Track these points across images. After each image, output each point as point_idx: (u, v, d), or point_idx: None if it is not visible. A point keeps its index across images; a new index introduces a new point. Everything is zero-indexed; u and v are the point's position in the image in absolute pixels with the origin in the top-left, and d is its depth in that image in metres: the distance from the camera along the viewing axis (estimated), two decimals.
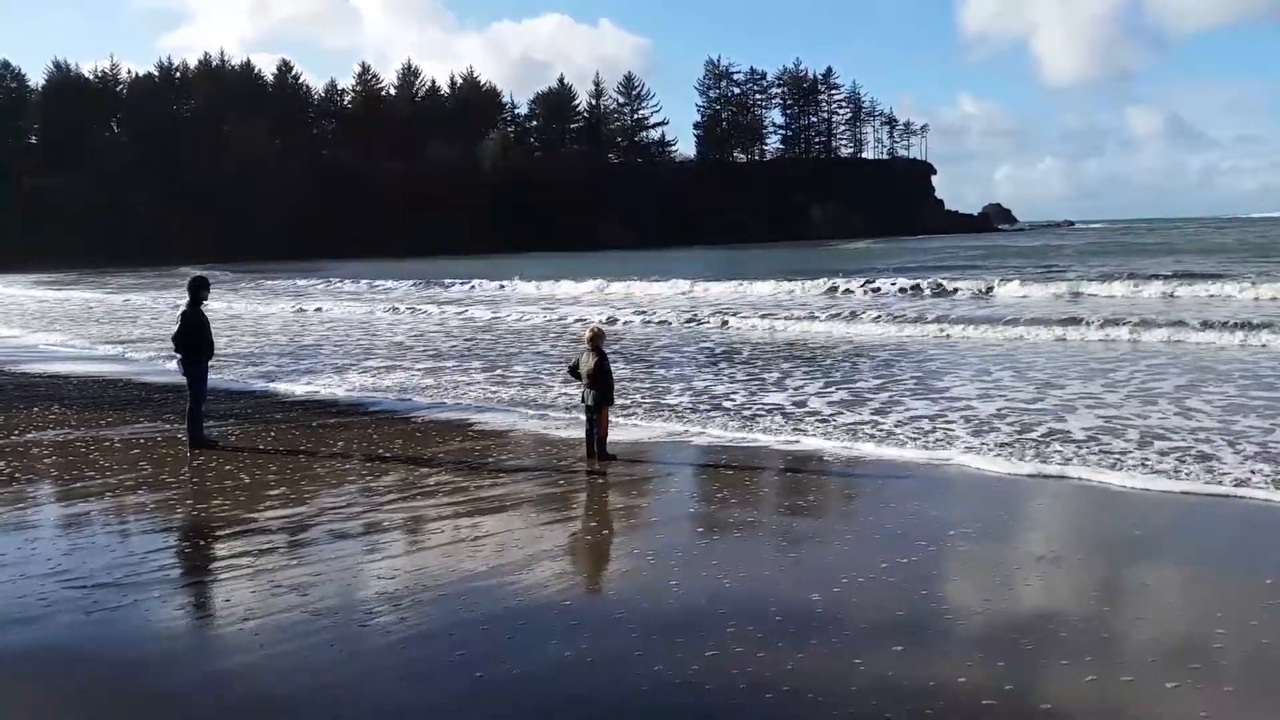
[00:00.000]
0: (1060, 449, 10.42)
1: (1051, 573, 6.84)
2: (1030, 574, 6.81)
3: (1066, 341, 20.26)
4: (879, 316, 25.44)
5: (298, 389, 16.53)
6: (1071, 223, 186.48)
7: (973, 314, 25.57)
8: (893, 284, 34.94)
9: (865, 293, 33.97)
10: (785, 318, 26.60)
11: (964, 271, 43.01)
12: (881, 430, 11.79)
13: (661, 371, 17.77)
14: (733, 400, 14.22)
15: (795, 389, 15.11)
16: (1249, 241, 66.32)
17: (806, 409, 13.35)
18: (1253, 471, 9.20)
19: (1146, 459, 9.85)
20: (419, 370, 18.75)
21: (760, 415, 12.95)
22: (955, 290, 32.89)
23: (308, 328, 30.29)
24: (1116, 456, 10.01)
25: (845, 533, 8.00)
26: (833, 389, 14.99)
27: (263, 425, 13.02)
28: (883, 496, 9.02)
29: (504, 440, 11.92)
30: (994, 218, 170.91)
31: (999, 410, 12.76)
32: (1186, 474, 9.24)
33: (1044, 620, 5.90)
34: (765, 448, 11.04)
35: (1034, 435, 11.18)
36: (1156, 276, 32.23)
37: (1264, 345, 18.21)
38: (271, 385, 17.02)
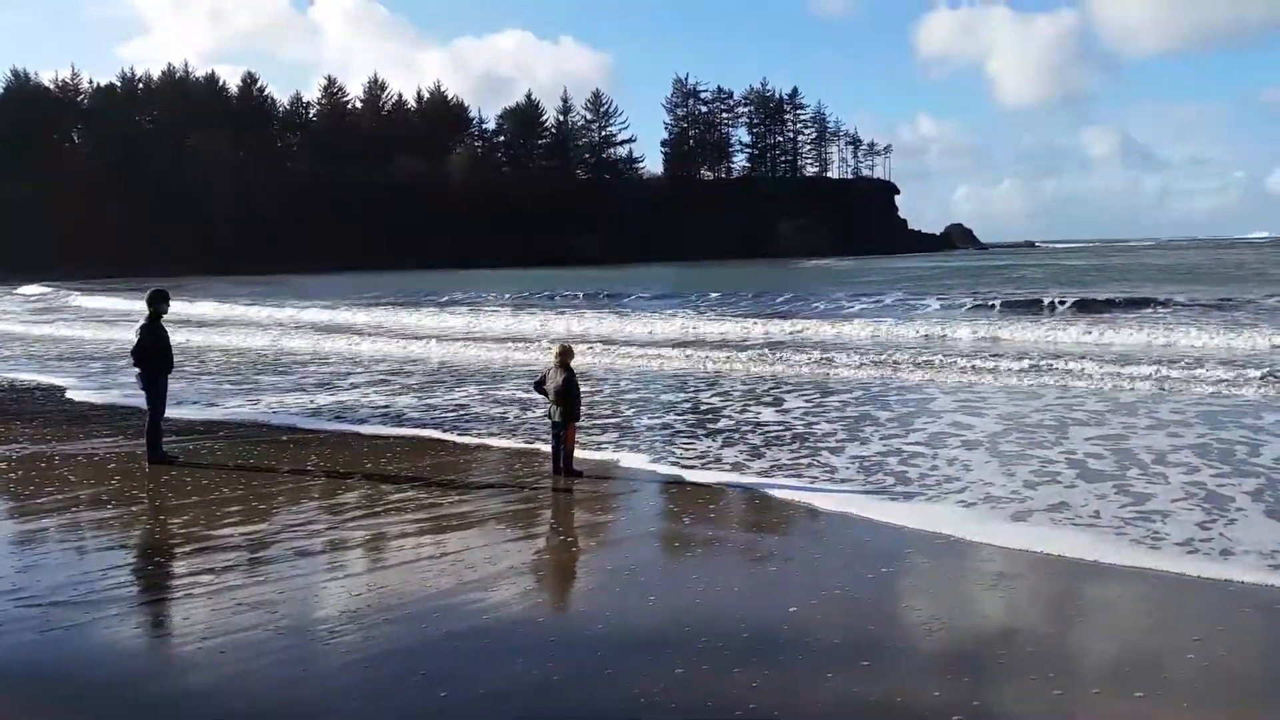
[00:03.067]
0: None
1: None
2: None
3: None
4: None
5: (255, 407, 16.34)
6: (1033, 244, 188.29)
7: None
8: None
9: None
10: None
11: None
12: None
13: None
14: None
15: None
16: (1185, 265, 67.65)
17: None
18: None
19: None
20: (382, 389, 18.61)
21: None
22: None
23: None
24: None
25: (811, 549, 8.05)
26: None
27: (223, 442, 12.86)
28: (847, 508, 9.09)
29: (470, 457, 11.86)
30: (956, 238, 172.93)
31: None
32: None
33: (1007, 636, 5.98)
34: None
35: None
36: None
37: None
38: (230, 403, 16.82)
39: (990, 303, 33.79)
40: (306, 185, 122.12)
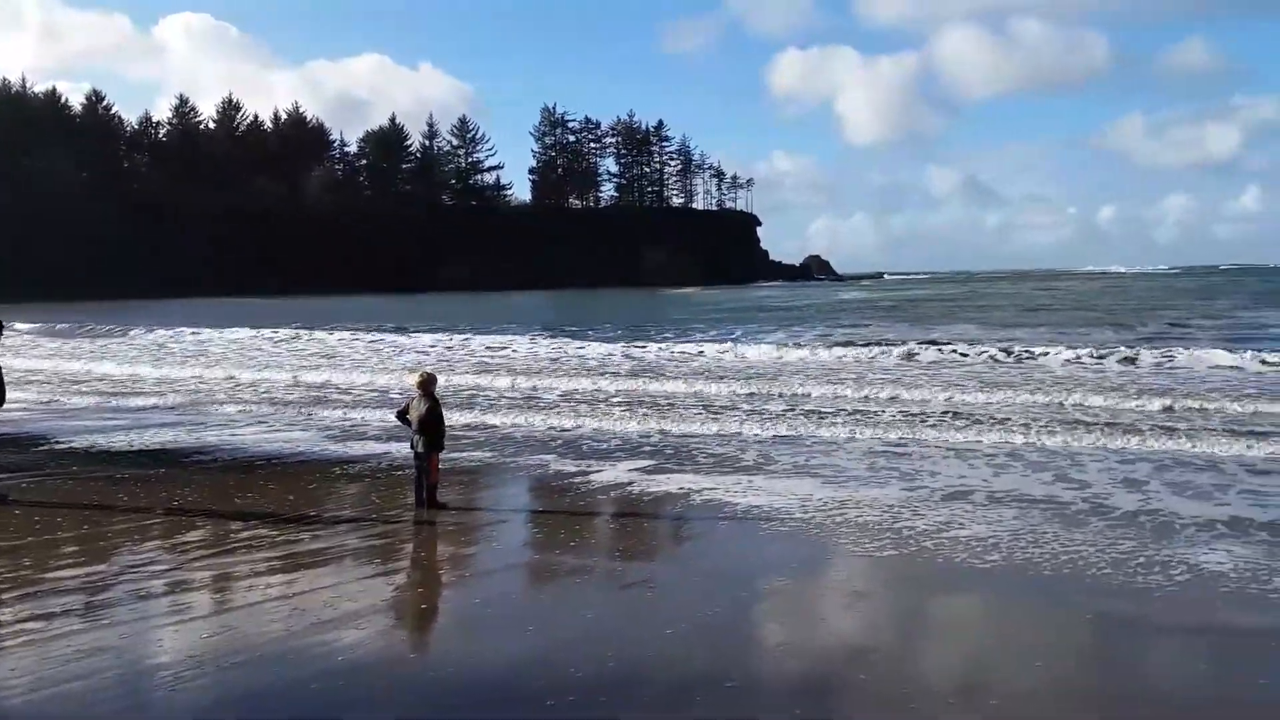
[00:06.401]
0: None
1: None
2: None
3: None
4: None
5: (97, 437, 15.44)
6: (881, 274, 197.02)
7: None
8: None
9: None
10: None
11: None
12: None
13: None
14: None
15: None
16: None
17: None
18: None
19: None
20: (225, 414, 17.85)
21: None
22: None
23: None
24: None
25: (674, 574, 8.13)
26: None
27: (58, 477, 12.08)
28: (712, 535, 9.23)
29: (325, 489, 11.49)
30: (815, 268, 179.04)
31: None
32: None
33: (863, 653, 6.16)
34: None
35: None
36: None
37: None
38: (65, 434, 15.84)
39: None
40: (155, 208, 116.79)
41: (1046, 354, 23.98)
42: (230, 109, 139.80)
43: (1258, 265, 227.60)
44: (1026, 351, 24.52)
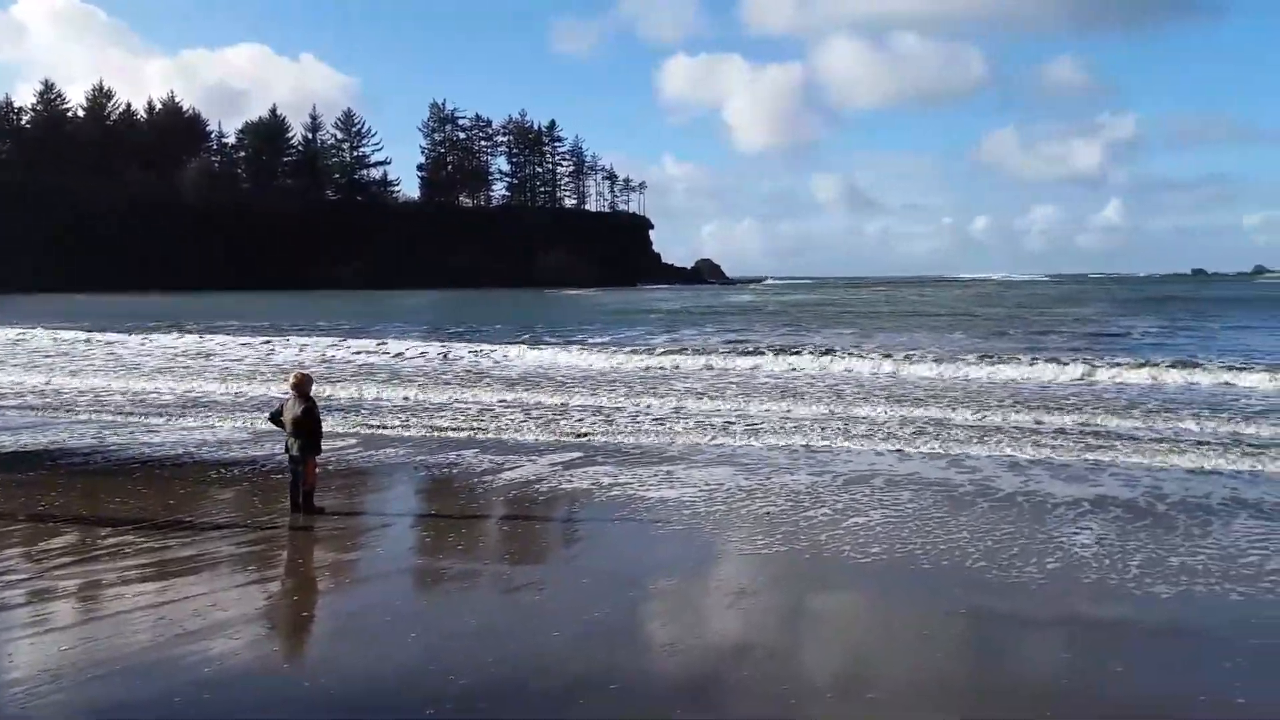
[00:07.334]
0: None
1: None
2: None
3: None
4: None
5: None
6: (763, 279, 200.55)
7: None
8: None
9: None
10: None
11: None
12: None
13: None
14: None
15: None
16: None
17: None
18: None
19: None
20: (93, 415, 17.01)
21: None
22: None
23: None
24: None
25: (563, 576, 8.07)
26: None
27: None
28: (607, 535, 9.21)
29: (200, 493, 11.03)
30: (706, 272, 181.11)
31: None
32: None
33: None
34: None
35: None
36: None
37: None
38: None
39: None
40: (17, 198, 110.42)
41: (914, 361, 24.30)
42: (100, 96, 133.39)
43: (1125, 274, 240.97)
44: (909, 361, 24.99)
